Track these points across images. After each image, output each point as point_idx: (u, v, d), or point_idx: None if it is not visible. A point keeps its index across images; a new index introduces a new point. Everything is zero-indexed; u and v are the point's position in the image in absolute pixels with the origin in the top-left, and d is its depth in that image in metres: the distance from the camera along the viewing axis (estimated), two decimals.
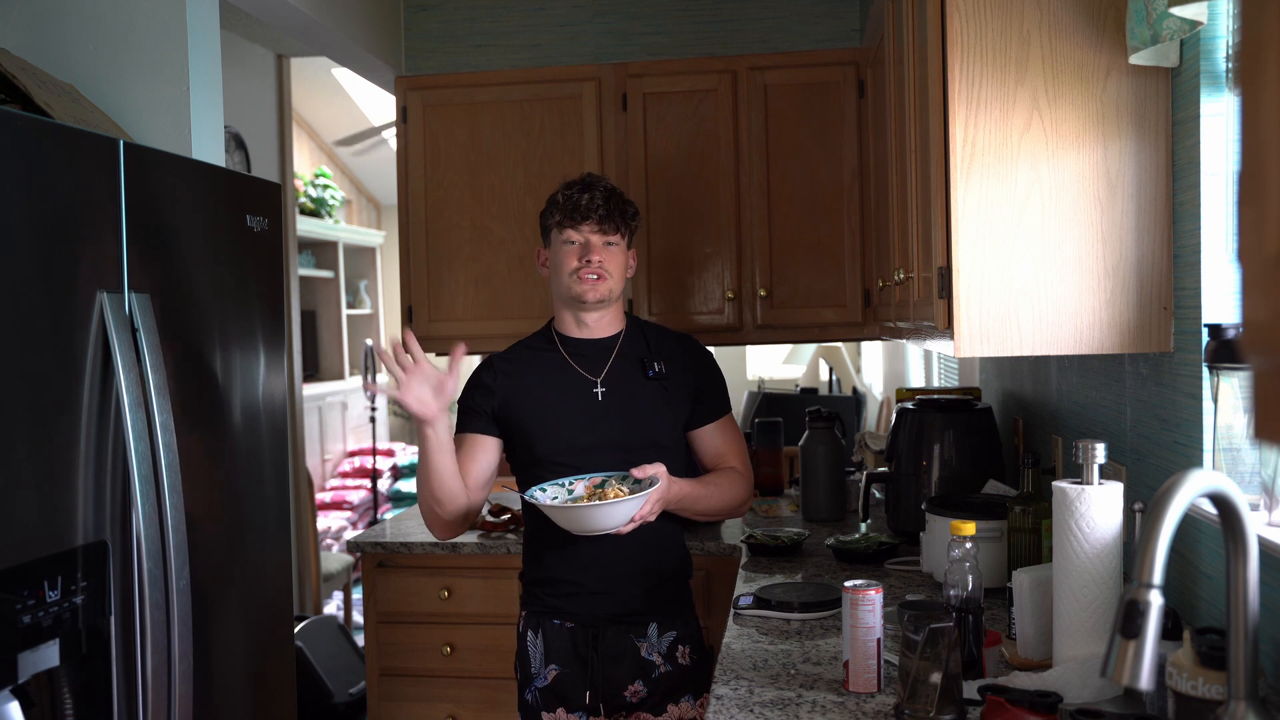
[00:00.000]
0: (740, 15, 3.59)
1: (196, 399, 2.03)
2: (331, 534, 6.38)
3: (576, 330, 2.24)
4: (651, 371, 2.21)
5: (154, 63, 2.47)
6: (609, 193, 2.19)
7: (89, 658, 1.75)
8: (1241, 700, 1.08)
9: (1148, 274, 1.67)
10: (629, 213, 2.22)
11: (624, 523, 2.00)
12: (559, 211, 2.19)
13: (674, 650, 2.19)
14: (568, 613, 2.18)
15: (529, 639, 2.21)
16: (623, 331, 2.26)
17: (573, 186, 2.21)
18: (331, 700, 3.97)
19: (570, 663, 2.18)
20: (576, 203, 2.17)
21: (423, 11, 3.72)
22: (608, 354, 2.22)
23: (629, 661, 2.17)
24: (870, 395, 5.76)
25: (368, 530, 3.32)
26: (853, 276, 3.23)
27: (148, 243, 1.89)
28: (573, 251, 2.17)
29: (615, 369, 2.21)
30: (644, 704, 2.17)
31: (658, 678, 2.17)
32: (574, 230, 2.17)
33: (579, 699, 2.17)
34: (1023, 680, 1.48)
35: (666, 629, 2.20)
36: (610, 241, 2.18)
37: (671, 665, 2.18)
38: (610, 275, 2.18)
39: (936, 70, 1.74)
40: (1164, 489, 1.06)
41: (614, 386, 2.20)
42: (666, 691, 2.18)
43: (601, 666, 2.16)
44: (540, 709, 2.19)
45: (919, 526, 2.36)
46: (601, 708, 2.17)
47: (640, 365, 2.22)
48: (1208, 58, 1.55)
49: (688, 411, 2.25)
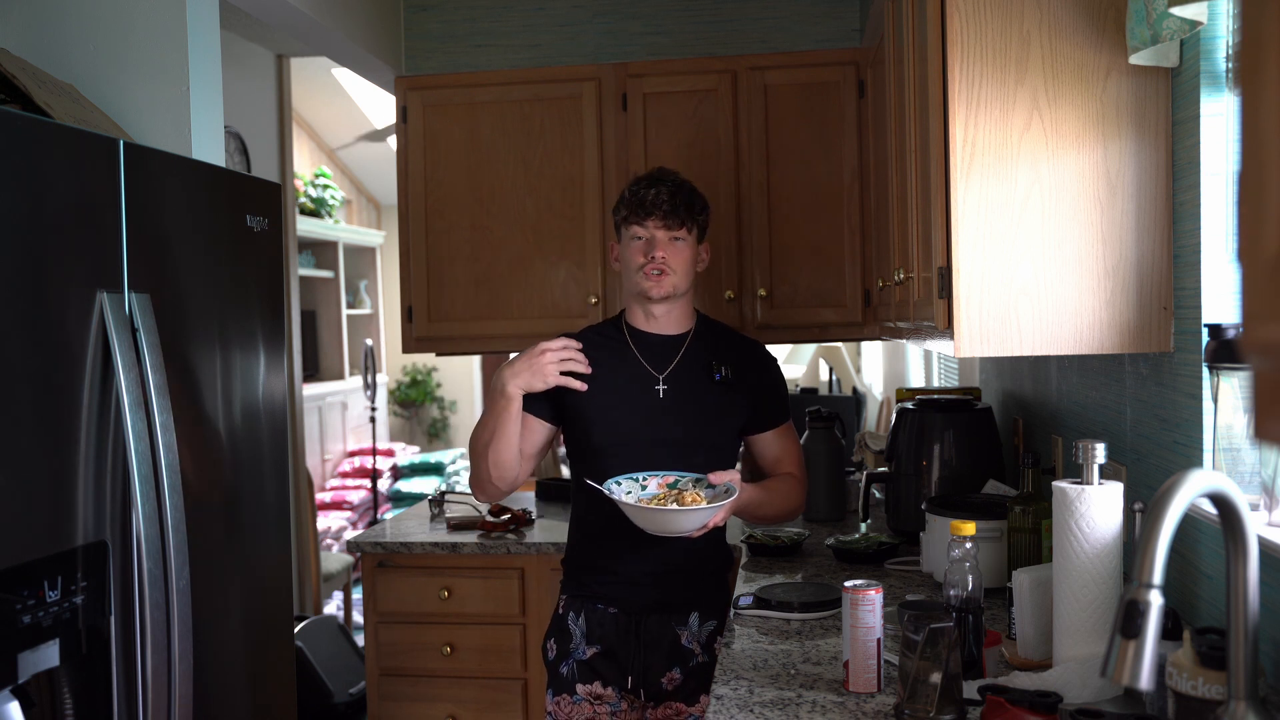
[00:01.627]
0: (740, 15, 3.59)
1: (196, 399, 2.03)
2: (331, 534, 6.39)
3: (645, 324, 2.25)
4: (718, 375, 2.22)
5: (154, 63, 2.47)
6: (676, 187, 2.19)
7: (89, 658, 1.75)
8: (1241, 700, 1.07)
9: (1148, 274, 1.67)
10: (696, 206, 2.21)
11: (698, 528, 2.04)
12: (625, 206, 2.21)
13: (712, 640, 2.22)
14: (612, 599, 2.21)
15: (570, 619, 2.23)
16: (692, 330, 2.27)
17: (640, 182, 2.22)
18: (331, 700, 3.97)
19: (611, 646, 2.20)
20: (642, 198, 2.17)
21: (423, 11, 3.72)
22: (674, 352, 2.24)
23: (669, 650, 2.19)
24: (870, 395, 5.76)
25: (368, 530, 3.32)
26: (853, 276, 3.23)
27: (148, 243, 1.89)
28: (639, 248, 2.19)
29: (680, 368, 2.23)
30: (679, 692, 2.20)
31: (695, 667, 2.20)
32: (639, 226, 2.18)
33: (618, 680, 2.20)
34: (1023, 680, 1.48)
35: (707, 618, 2.23)
36: (676, 237, 2.18)
37: (709, 656, 2.21)
38: (675, 271, 2.18)
39: (936, 70, 1.74)
40: (1164, 489, 1.06)
41: (676, 386, 2.21)
42: (701, 681, 2.20)
43: (642, 653, 2.19)
44: (576, 680, 2.21)
45: (919, 526, 2.36)
46: (641, 692, 2.19)
47: (706, 368, 2.23)
48: (1208, 58, 1.55)
49: (746, 416, 2.27)
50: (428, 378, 9.05)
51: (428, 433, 9.14)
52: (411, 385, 9.02)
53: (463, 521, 3.16)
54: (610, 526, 2.14)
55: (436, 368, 9.08)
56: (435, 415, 9.16)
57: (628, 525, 2.09)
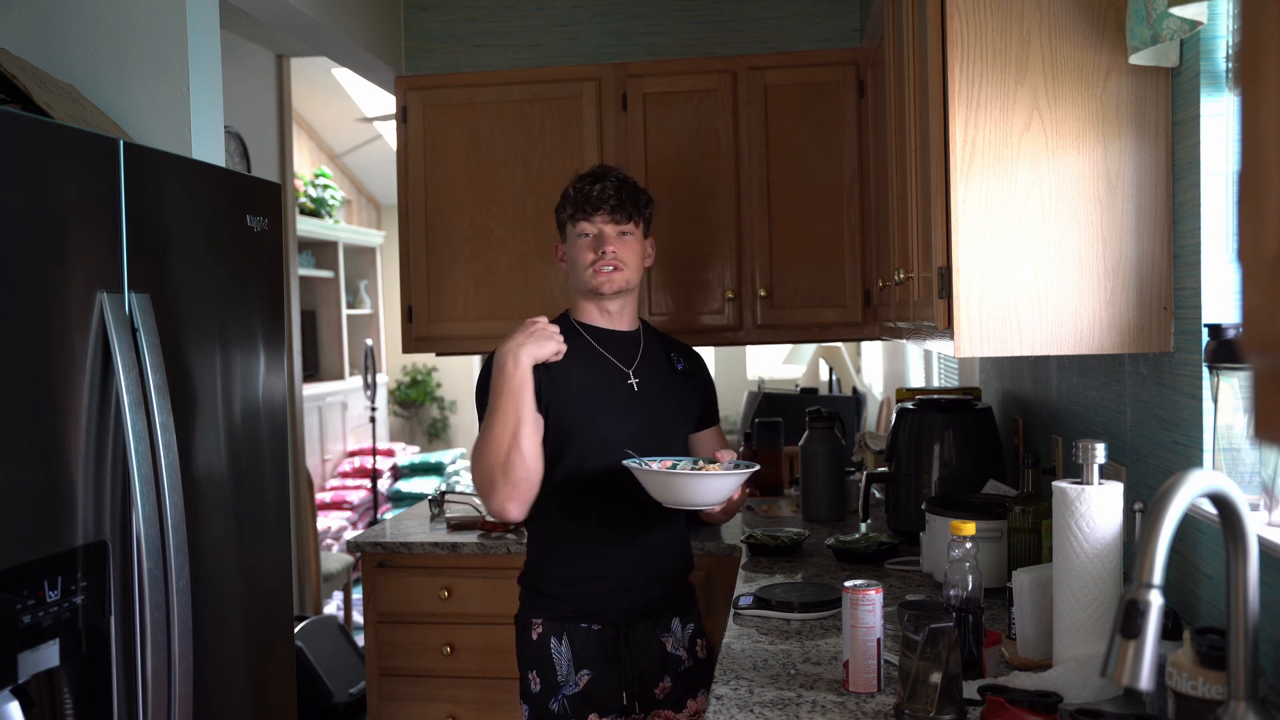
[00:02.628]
0: (740, 15, 3.59)
1: (196, 399, 2.03)
2: (331, 534, 6.38)
3: (601, 319, 2.23)
4: (680, 366, 2.27)
5: (154, 63, 2.47)
6: (620, 182, 2.19)
7: (89, 658, 1.75)
8: (1241, 700, 1.07)
9: (1148, 274, 1.67)
10: (642, 200, 2.21)
11: (722, 499, 2.03)
12: (571, 204, 2.19)
13: (694, 643, 2.23)
14: (593, 614, 2.15)
15: (552, 645, 2.15)
16: (641, 329, 2.29)
17: (584, 179, 2.20)
18: (331, 700, 3.97)
19: (602, 666, 2.14)
20: (588, 194, 2.16)
21: (423, 11, 3.72)
22: (635, 347, 2.25)
23: (658, 658, 2.19)
24: (870, 395, 5.76)
25: (368, 530, 3.32)
26: (853, 276, 3.23)
27: (148, 243, 1.89)
28: (587, 244, 2.17)
29: (645, 362, 2.24)
30: (669, 699, 2.19)
31: (682, 672, 2.20)
32: (587, 222, 2.16)
33: (613, 701, 2.14)
34: (1023, 680, 1.48)
35: (687, 622, 2.24)
36: (625, 231, 2.17)
37: (693, 660, 2.22)
38: (626, 265, 2.17)
39: (936, 70, 1.74)
40: (1164, 489, 1.06)
41: (645, 379, 2.22)
42: (687, 686, 2.21)
43: (634, 664, 2.16)
44: (570, 717, 2.13)
45: (919, 526, 2.36)
46: (637, 705, 2.17)
47: (667, 360, 2.27)
48: (1208, 58, 1.55)
49: (700, 410, 2.32)
50: (428, 378, 9.05)
51: (428, 433, 9.15)
52: (411, 385, 9.02)
53: (463, 521, 3.16)
54: (577, 539, 2.12)
55: (436, 368, 9.08)
56: (435, 415, 9.16)
57: (605, 532, 2.09)
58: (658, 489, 2.01)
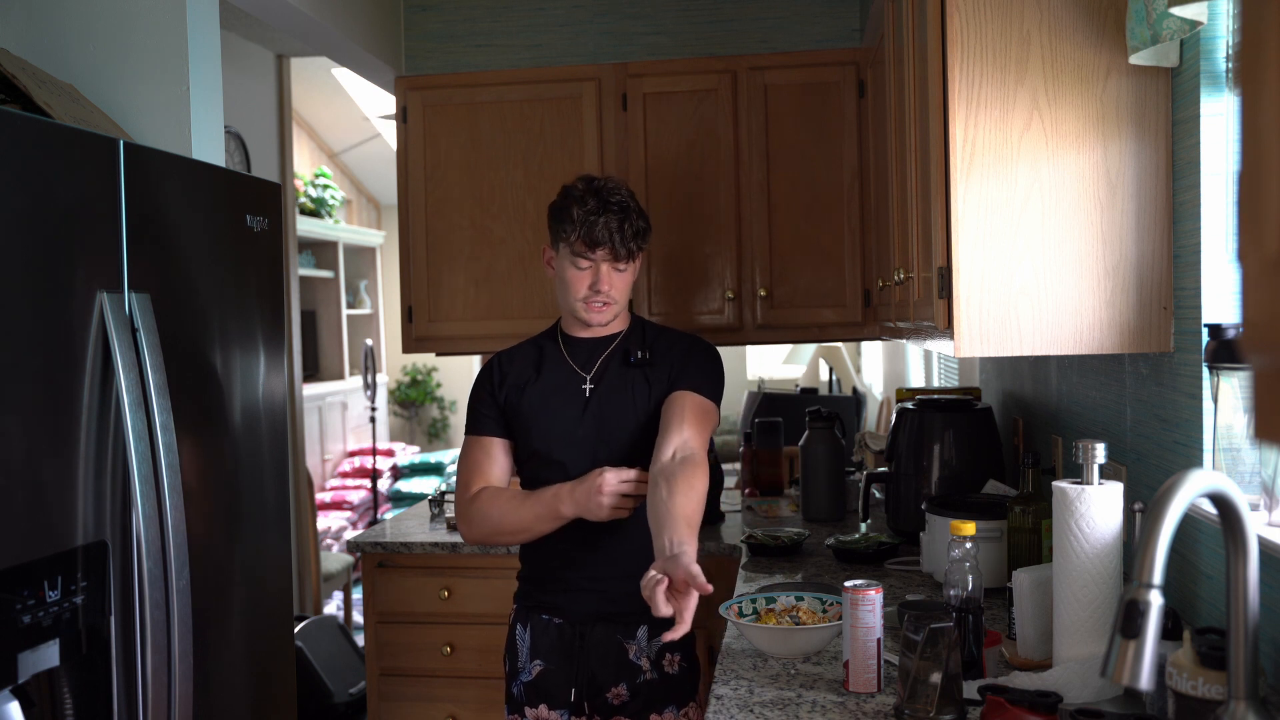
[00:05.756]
0: (740, 15, 3.59)
1: (196, 399, 2.03)
2: (331, 534, 6.39)
3: (581, 332, 2.23)
4: (633, 359, 2.18)
5: (154, 63, 2.47)
6: (623, 212, 2.11)
7: (89, 658, 1.75)
8: (1241, 700, 1.08)
9: (1148, 274, 1.67)
10: (642, 233, 2.16)
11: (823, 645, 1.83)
12: (573, 230, 2.11)
13: (662, 657, 2.15)
14: (557, 609, 2.18)
15: (518, 632, 2.22)
16: (623, 331, 2.25)
17: (587, 203, 2.11)
18: (331, 700, 3.97)
19: (555, 659, 2.17)
20: (592, 226, 2.09)
21: (423, 11, 3.72)
22: (602, 350, 2.22)
23: (614, 662, 2.14)
24: (870, 395, 5.76)
25: (368, 530, 3.32)
26: (853, 276, 3.23)
27: (148, 243, 1.89)
28: (582, 278, 2.14)
29: (604, 364, 2.21)
30: (625, 709, 2.14)
31: (642, 683, 2.14)
32: (586, 258, 2.12)
33: (563, 696, 2.16)
34: (1023, 680, 1.48)
35: (657, 633, 2.12)
36: (620, 268, 2.15)
37: (658, 673, 2.14)
38: (616, 301, 2.16)
39: (936, 70, 1.74)
40: (1164, 489, 1.06)
41: (599, 381, 2.19)
42: (649, 699, 2.14)
43: (586, 664, 2.15)
44: (524, 704, 2.20)
45: (919, 526, 2.36)
46: (586, 706, 2.16)
47: (625, 355, 2.20)
48: (1208, 58, 1.55)
49: (667, 384, 2.16)
50: (428, 378, 9.05)
51: (428, 433, 9.15)
52: (411, 385, 9.02)
53: None
54: (556, 535, 2.12)
55: (436, 368, 9.08)
56: (435, 415, 9.17)
57: (575, 531, 2.09)
58: (762, 644, 1.82)
